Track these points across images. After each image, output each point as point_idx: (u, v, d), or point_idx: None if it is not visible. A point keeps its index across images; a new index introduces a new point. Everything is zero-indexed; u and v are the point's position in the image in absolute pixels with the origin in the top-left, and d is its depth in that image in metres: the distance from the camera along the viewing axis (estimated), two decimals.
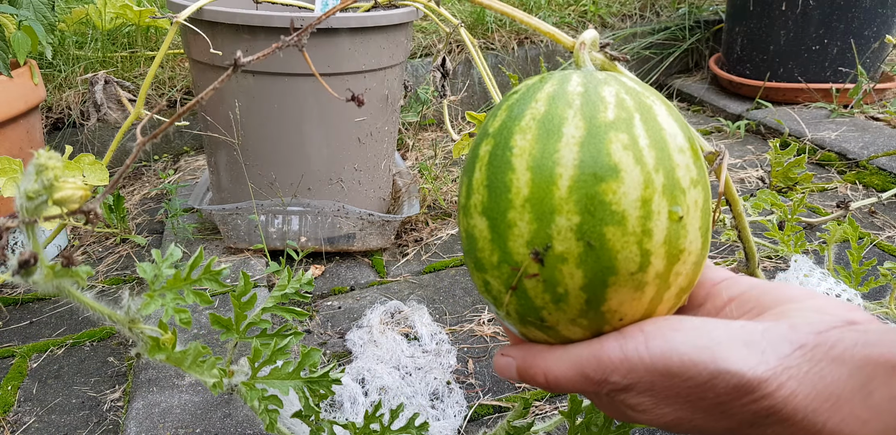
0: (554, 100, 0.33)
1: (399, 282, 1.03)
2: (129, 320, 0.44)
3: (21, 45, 0.91)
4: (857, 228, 0.77)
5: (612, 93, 0.33)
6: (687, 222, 0.33)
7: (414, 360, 0.83)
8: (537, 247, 0.32)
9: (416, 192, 1.18)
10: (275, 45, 0.37)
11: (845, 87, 1.63)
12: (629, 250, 0.31)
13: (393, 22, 0.94)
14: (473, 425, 0.74)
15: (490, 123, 0.36)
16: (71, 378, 0.84)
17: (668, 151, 0.32)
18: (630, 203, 0.31)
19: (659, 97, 0.35)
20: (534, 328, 0.36)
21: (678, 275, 0.33)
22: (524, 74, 1.82)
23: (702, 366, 0.30)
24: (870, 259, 0.79)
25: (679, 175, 0.32)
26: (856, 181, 1.32)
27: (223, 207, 1.02)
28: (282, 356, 0.51)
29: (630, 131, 0.32)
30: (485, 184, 0.34)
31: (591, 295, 0.33)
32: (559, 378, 0.34)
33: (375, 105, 1.01)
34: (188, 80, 1.53)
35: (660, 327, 0.32)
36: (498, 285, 0.35)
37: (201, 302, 0.46)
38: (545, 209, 0.32)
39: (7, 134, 0.96)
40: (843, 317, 0.31)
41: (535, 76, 0.37)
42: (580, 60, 0.36)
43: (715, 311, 0.36)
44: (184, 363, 0.47)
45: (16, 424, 0.77)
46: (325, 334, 0.91)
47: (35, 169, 0.34)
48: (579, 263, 0.32)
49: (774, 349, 0.29)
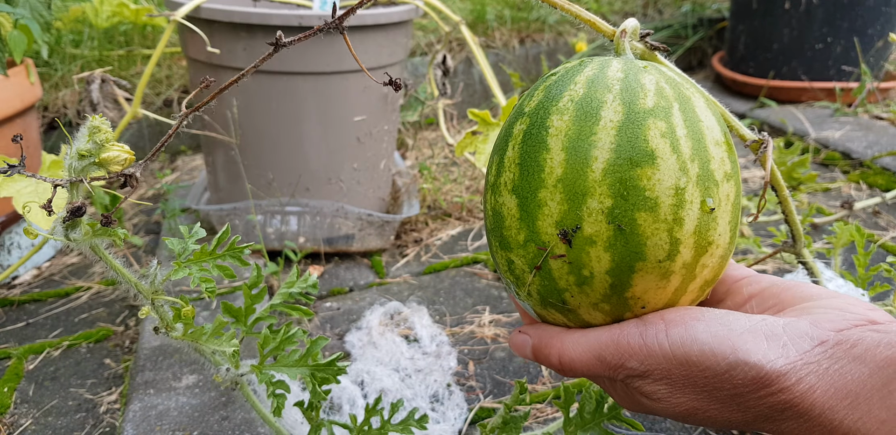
0: (593, 83, 0.33)
1: (399, 283, 1.02)
2: (153, 291, 0.46)
3: (17, 43, 0.90)
4: (864, 233, 0.77)
5: (652, 81, 0.33)
6: (718, 215, 0.32)
7: (414, 362, 0.82)
8: (566, 227, 0.32)
9: (416, 192, 1.17)
10: (316, 27, 0.37)
11: (849, 86, 1.62)
12: (659, 237, 0.31)
13: (392, 20, 0.93)
14: (474, 428, 0.73)
15: (526, 103, 0.35)
16: (67, 380, 0.83)
17: (704, 143, 0.32)
18: (664, 190, 0.31)
19: (698, 89, 0.35)
20: (554, 310, 0.36)
21: (704, 267, 0.33)
22: (525, 73, 1.81)
23: (721, 356, 0.30)
24: (875, 261, 0.79)
25: (713, 167, 0.32)
26: (860, 181, 1.31)
27: (221, 208, 1.01)
28: (290, 344, 0.53)
29: (668, 120, 0.32)
30: (517, 162, 0.34)
31: (616, 280, 0.32)
32: (574, 360, 0.34)
33: (375, 104, 1.00)
34: (185, 79, 1.52)
35: (681, 316, 0.32)
36: (522, 265, 0.35)
37: (224, 275, 0.49)
38: (577, 190, 0.32)
39: (3, 133, 0.95)
40: (864, 316, 0.31)
41: (574, 60, 0.36)
42: (621, 48, 0.36)
43: (736, 307, 0.36)
44: (201, 337, 0.49)
45: (12, 426, 0.76)
46: (324, 336, 0.90)
47: (89, 131, 0.38)
48: (608, 247, 0.32)
49: (795, 344, 0.29)
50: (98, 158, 0.38)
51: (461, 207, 1.23)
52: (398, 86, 0.39)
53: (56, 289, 1.03)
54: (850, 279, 0.79)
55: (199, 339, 0.49)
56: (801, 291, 0.34)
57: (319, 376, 0.52)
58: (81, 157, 0.37)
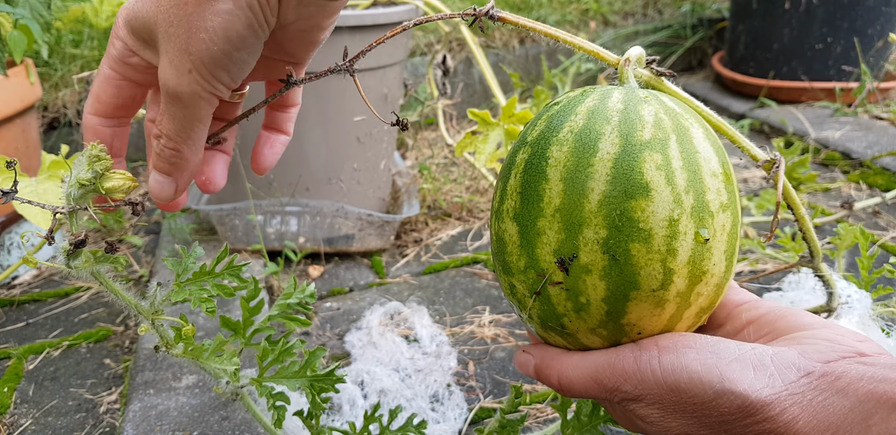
0: (593, 115, 0.34)
1: (399, 283, 1.02)
2: (153, 311, 0.46)
3: (17, 44, 0.90)
4: (868, 236, 0.77)
5: (651, 112, 0.33)
6: (712, 245, 0.33)
7: (414, 362, 0.82)
8: (563, 256, 0.33)
9: (416, 192, 1.17)
10: (328, 69, 0.39)
11: (849, 86, 1.62)
12: (652, 267, 0.32)
13: (392, 20, 0.93)
14: (474, 428, 0.73)
15: (529, 132, 0.36)
16: (67, 380, 0.83)
17: (700, 174, 0.33)
18: (657, 222, 0.32)
19: (698, 120, 0.35)
20: (554, 334, 0.37)
21: (699, 295, 0.34)
22: (525, 73, 1.81)
23: (708, 384, 0.30)
24: (876, 262, 0.79)
25: (709, 198, 0.33)
26: (860, 181, 1.31)
27: (221, 207, 1.01)
28: (288, 356, 0.54)
29: (665, 152, 0.32)
30: (518, 190, 0.35)
31: (611, 307, 0.33)
32: (573, 382, 0.36)
33: (375, 104, 1.00)
34: None
35: (675, 343, 0.33)
36: (523, 289, 0.36)
37: (224, 294, 0.49)
38: (574, 220, 0.32)
39: (3, 133, 0.95)
40: (853, 348, 0.31)
41: (578, 89, 0.37)
42: (624, 77, 0.37)
43: (734, 332, 0.37)
44: (202, 355, 0.49)
45: (12, 426, 0.76)
46: (324, 336, 0.90)
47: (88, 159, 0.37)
48: (603, 276, 0.32)
49: (782, 374, 0.30)
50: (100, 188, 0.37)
51: (461, 207, 1.23)
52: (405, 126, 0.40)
53: (56, 289, 1.03)
54: (854, 281, 0.79)
55: (199, 357, 0.49)
56: (795, 319, 0.35)
57: (318, 387, 0.53)
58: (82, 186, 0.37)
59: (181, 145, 0.35)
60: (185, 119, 0.34)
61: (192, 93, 0.32)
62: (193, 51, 0.31)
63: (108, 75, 0.36)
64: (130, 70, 0.36)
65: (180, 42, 0.31)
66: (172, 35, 0.31)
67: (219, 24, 0.30)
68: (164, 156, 0.36)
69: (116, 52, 0.35)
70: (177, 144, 0.35)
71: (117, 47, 0.35)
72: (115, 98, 0.37)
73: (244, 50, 0.32)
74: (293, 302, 0.57)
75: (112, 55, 0.36)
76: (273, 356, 0.53)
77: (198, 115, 0.34)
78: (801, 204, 0.41)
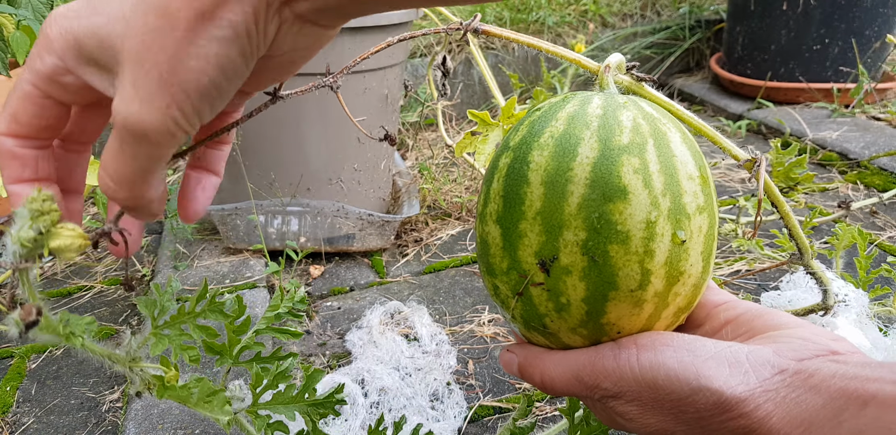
0: (573, 120, 0.35)
1: (399, 282, 1.03)
2: (129, 359, 0.43)
3: (20, 44, 0.91)
4: (867, 236, 0.78)
5: (629, 117, 0.34)
6: (689, 246, 0.34)
7: (414, 360, 0.82)
8: (544, 257, 0.34)
9: (416, 192, 1.18)
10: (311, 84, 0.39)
11: (846, 87, 1.63)
12: (630, 268, 0.33)
13: (392, 21, 0.93)
14: (473, 426, 0.74)
15: (512, 138, 0.37)
16: (70, 379, 0.84)
17: (677, 178, 0.33)
18: (635, 224, 0.32)
19: (676, 124, 0.36)
20: (537, 333, 0.37)
21: (677, 295, 0.35)
22: (525, 74, 1.81)
23: (684, 381, 0.31)
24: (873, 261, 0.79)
25: (685, 201, 0.33)
26: (857, 181, 1.32)
27: (222, 208, 1.02)
28: (283, 380, 0.50)
29: (642, 156, 0.33)
30: (501, 194, 0.36)
31: (591, 307, 0.34)
32: (554, 379, 0.36)
33: (375, 105, 1.00)
34: None
35: (653, 341, 0.34)
36: (506, 290, 0.36)
37: (207, 336, 0.45)
38: (554, 223, 0.33)
39: None
40: (826, 346, 0.32)
41: (560, 95, 0.38)
42: (604, 83, 0.37)
43: (712, 331, 0.38)
44: (190, 401, 0.45)
45: (15, 424, 0.77)
46: (325, 335, 0.91)
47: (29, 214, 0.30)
48: (583, 277, 0.33)
49: (756, 371, 0.31)
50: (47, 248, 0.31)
51: (461, 207, 1.23)
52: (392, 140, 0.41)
53: (59, 288, 1.03)
54: (851, 281, 0.80)
55: (186, 402, 0.44)
56: (771, 319, 0.36)
57: (318, 413, 0.50)
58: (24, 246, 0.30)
59: (137, 191, 0.30)
60: (147, 159, 0.28)
61: (163, 129, 0.27)
62: (177, 81, 0.26)
63: (29, 92, 0.31)
64: (59, 90, 0.31)
65: (160, 70, 0.26)
66: (148, 61, 0.26)
67: (213, 52, 0.26)
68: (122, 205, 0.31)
69: (46, 69, 0.30)
70: (131, 191, 0.30)
71: (47, 63, 0.29)
72: (37, 118, 0.31)
73: (234, 80, 0.28)
74: (283, 312, 0.54)
75: (38, 71, 0.30)
76: (268, 381, 0.50)
77: (163, 154, 0.29)
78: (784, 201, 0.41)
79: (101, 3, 0.28)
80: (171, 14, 0.26)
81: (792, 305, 0.72)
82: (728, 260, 1.06)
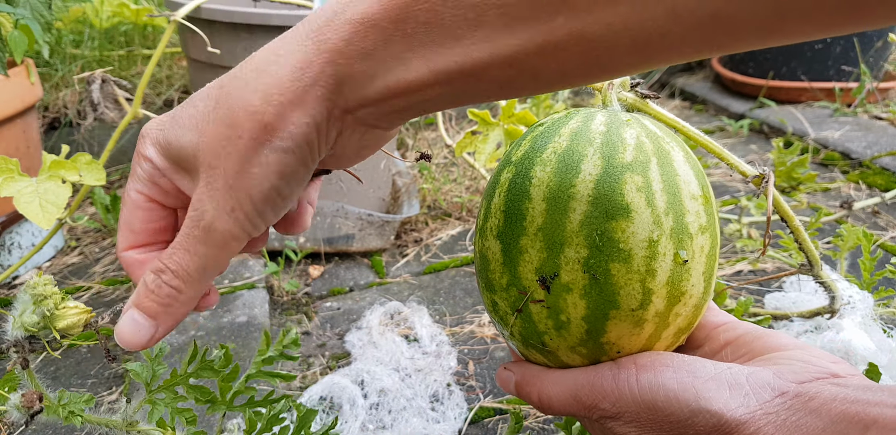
0: (576, 136, 0.34)
1: (399, 283, 1.02)
2: (126, 424, 0.42)
3: (18, 44, 0.90)
4: (871, 237, 0.77)
5: (633, 135, 0.34)
6: (691, 266, 0.34)
7: (414, 361, 0.82)
8: (545, 274, 0.33)
9: (416, 192, 1.17)
10: None
11: (848, 87, 1.62)
12: (632, 287, 0.32)
13: None
14: (474, 428, 0.74)
15: (513, 152, 0.37)
16: (68, 380, 0.84)
17: (680, 197, 0.33)
18: (637, 242, 0.32)
19: (679, 143, 0.36)
20: (535, 351, 0.37)
21: (678, 315, 0.34)
22: None
23: (684, 403, 0.31)
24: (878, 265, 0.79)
25: (688, 220, 0.33)
26: (859, 181, 1.31)
27: None
28: (277, 423, 0.50)
29: (645, 174, 0.33)
30: (502, 209, 0.35)
31: (591, 326, 0.34)
32: (552, 399, 0.36)
33: None
34: (186, 79, 1.52)
35: (652, 362, 0.33)
36: (505, 307, 0.36)
37: (201, 396, 0.46)
38: (556, 240, 0.33)
39: (3, 134, 0.95)
40: (827, 369, 0.32)
41: (563, 111, 0.38)
42: (607, 100, 0.37)
43: (712, 352, 0.38)
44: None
45: (13, 426, 0.76)
46: (324, 336, 0.90)
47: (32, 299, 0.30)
48: (583, 295, 0.33)
49: (757, 394, 0.30)
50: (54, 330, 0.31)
51: (461, 207, 1.23)
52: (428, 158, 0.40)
53: None
54: (855, 283, 0.79)
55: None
56: (770, 340, 0.35)
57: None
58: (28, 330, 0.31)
59: (188, 286, 0.31)
60: (208, 258, 0.31)
61: (228, 232, 0.30)
62: (242, 186, 0.29)
63: (136, 200, 0.33)
64: (160, 192, 0.33)
65: (226, 176, 0.29)
66: (217, 168, 0.29)
67: (274, 160, 0.28)
68: (159, 294, 0.32)
69: (145, 174, 0.33)
70: (184, 284, 0.31)
71: (145, 168, 0.32)
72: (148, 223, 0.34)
73: (295, 186, 0.30)
74: (274, 355, 0.54)
75: (139, 176, 0.33)
76: (262, 425, 0.49)
77: (225, 255, 0.31)
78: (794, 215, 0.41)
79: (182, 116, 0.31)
80: (238, 125, 0.28)
81: (797, 307, 0.71)
82: (730, 260, 1.05)
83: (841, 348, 0.67)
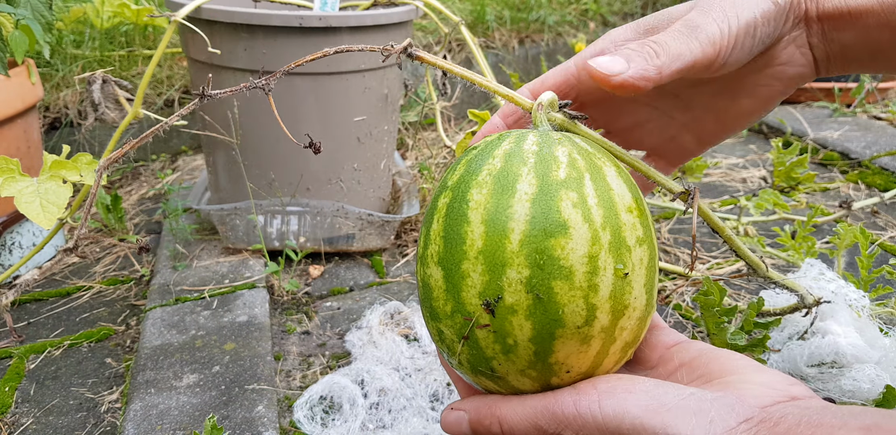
0: (510, 157, 0.35)
1: (399, 282, 1.02)
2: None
3: (19, 44, 0.90)
4: (868, 235, 0.77)
5: (564, 153, 0.35)
6: (632, 279, 0.34)
7: (414, 361, 0.82)
8: (489, 298, 0.33)
9: (416, 192, 1.18)
10: (242, 85, 0.38)
11: (848, 87, 1.62)
12: (576, 304, 0.33)
13: (392, 21, 0.93)
14: None
15: (449, 177, 0.37)
16: (68, 379, 0.84)
17: (615, 210, 0.34)
18: (577, 259, 0.32)
19: (610, 159, 0.36)
20: (485, 378, 0.37)
21: (623, 329, 0.34)
22: (525, 73, 1.81)
23: (651, 430, 0.31)
24: (875, 261, 0.79)
25: (625, 234, 0.34)
26: (858, 181, 1.31)
27: (222, 207, 1.01)
28: None
29: (580, 190, 0.33)
30: (441, 235, 0.35)
31: (539, 347, 0.33)
32: (514, 427, 0.35)
33: (375, 104, 1.00)
34: (186, 80, 1.52)
35: (613, 387, 0.33)
36: (451, 335, 0.36)
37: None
38: (497, 262, 0.33)
39: (4, 134, 0.95)
40: (786, 392, 0.32)
41: (495, 134, 0.38)
42: (537, 121, 0.37)
43: (666, 374, 0.37)
44: None
45: (13, 425, 0.76)
46: (324, 335, 0.91)
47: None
48: (528, 315, 0.33)
49: (722, 420, 0.30)
50: None
51: None
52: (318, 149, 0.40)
53: (57, 288, 1.03)
54: (853, 281, 0.80)
55: None
56: (726, 362, 0.35)
57: None
58: None
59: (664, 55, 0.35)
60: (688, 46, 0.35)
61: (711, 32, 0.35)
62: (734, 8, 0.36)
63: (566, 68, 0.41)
64: None
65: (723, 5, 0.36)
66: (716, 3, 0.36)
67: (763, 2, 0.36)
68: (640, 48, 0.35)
69: None
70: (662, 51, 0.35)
71: None
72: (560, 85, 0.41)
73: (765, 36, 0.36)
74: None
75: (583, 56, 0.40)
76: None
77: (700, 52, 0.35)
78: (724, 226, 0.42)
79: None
80: None
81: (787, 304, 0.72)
82: (728, 260, 1.05)
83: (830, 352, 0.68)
